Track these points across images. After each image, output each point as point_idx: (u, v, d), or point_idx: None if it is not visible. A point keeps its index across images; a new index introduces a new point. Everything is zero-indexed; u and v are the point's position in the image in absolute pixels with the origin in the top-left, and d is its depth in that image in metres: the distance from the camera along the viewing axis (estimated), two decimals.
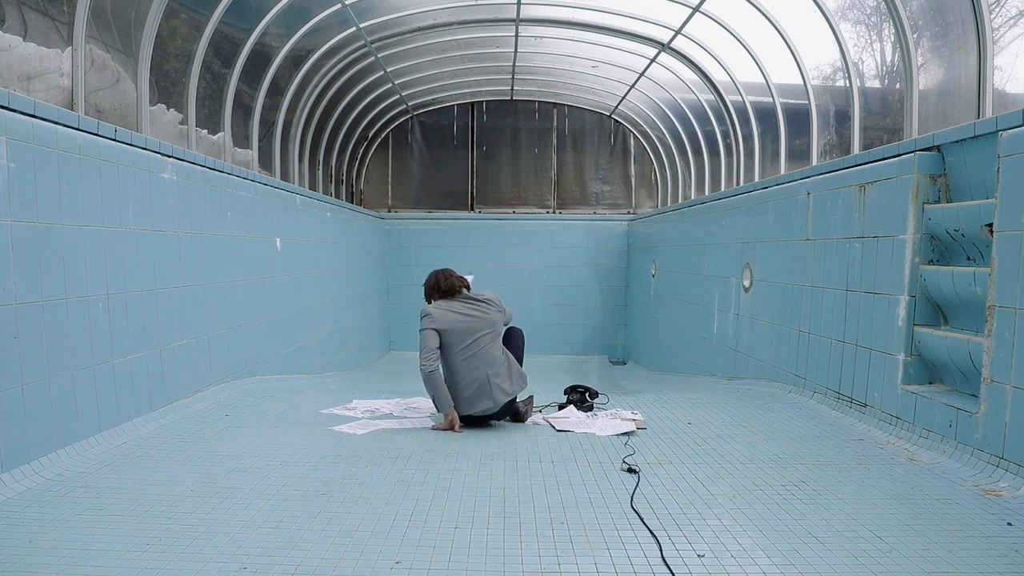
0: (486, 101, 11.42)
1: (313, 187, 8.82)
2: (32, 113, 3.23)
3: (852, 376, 4.37)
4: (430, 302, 4.29)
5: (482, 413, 4.13)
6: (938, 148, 3.87)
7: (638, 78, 8.99)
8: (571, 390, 4.66)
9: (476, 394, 4.10)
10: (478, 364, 4.10)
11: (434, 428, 4.13)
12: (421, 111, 11.39)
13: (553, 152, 11.56)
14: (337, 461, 3.38)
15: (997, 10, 4.13)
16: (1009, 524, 2.62)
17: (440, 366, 4.14)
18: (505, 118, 11.52)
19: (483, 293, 4.30)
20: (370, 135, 11.02)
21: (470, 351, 4.11)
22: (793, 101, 6.48)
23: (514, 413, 4.26)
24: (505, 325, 4.37)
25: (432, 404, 4.63)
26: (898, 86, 5.09)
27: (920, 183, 3.86)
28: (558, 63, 9.52)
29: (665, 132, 10.06)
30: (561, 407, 4.54)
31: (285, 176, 7.61)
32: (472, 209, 11.63)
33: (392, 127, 11.42)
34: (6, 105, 3.09)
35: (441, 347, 4.10)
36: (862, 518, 2.69)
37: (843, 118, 5.77)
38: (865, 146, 5.29)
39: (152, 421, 4.00)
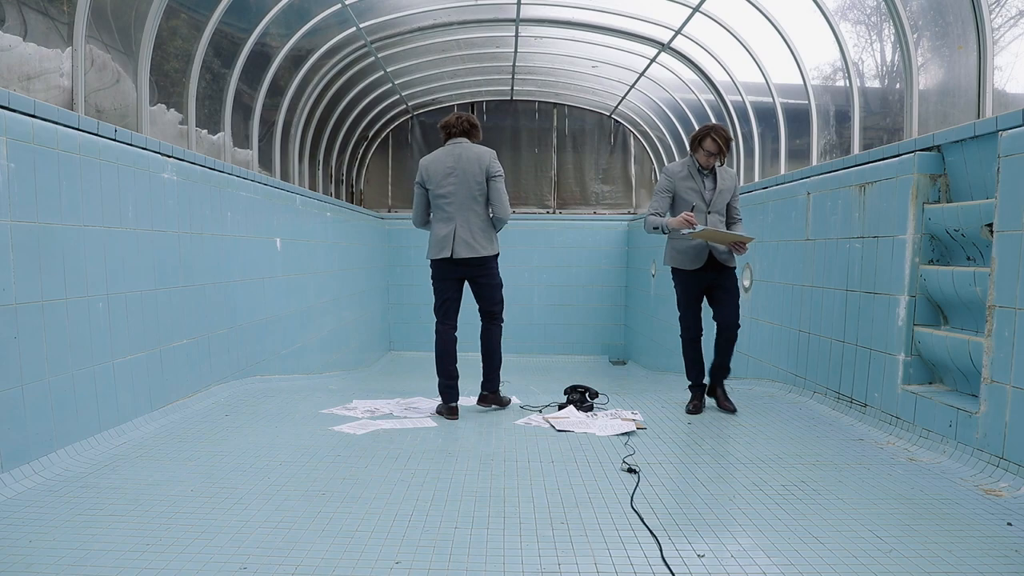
0: (486, 101, 11.42)
1: (313, 187, 8.82)
2: (32, 113, 3.23)
3: (852, 376, 4.37)
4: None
5: (443, 257, 4.35)
6: (938, 148, 3.87)
7: (638, 78, 8.99)
8: (571, 390, 4.66)
9: (441, 242, 4.33)
10: (451, 213, 4.32)
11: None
12: (421, 111, 11.38)
13: (553, 152, 11.56)
14: (337, 461, 3.38)
15: (997, 10, 4.13)
16: (1009, 524, 2.62)
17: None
18: (505, 118, 11.52)
19: (472, 147, 4.36)
20: (370, 135, 11.01)
21: (443, 200, 4.32)
22: (793, 101, 6.48)
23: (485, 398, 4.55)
24: (492, 178, 4.33)
25: (433, 404, 4.65)
26: (898, 86, 5.09)
27: (920, 183, 3.86)
28: (558, 63, 9.52)
29: (665, 132, 10.06)
30: (561, 407, 4.54)
31: (285, 176, 7.61)
32: None
33: (392, 127, 11.42)
34: (6, 105, 3.09)
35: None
36: (862, 518, 2.69)
37: (843, 118, 5.77)
38: (865, 146, 5.29)
39: (152, 421, 4.00)
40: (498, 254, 4.50)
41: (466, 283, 4.52)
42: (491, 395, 4.59)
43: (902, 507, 2.81)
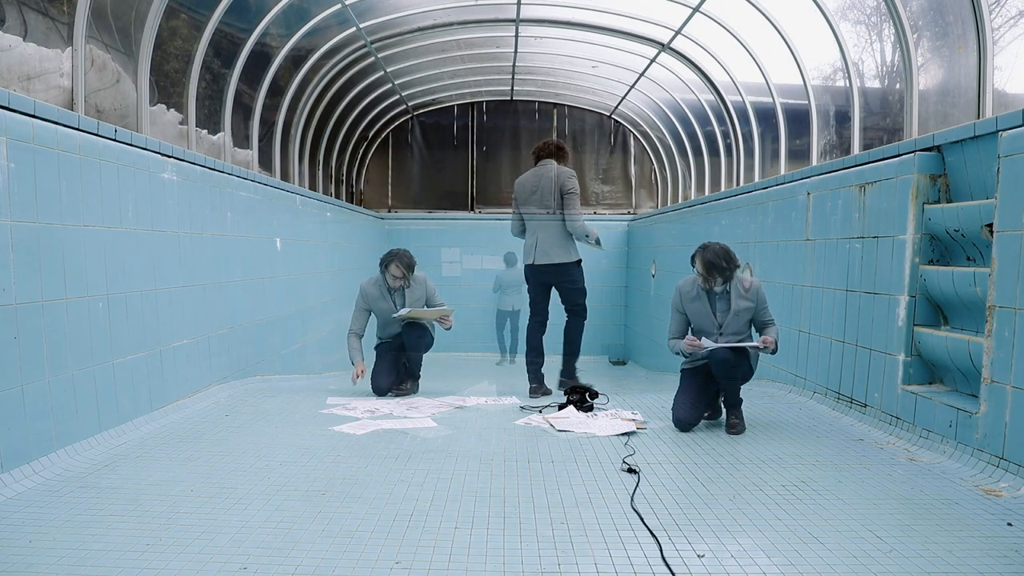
0: (486, 101, 11.42)
1: (313, 187, 8.82)
2: (32, 113, 3.23)
3: (852, 376, 4.37)
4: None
5: (527, 263, 5.20)
6: (938, 148, 3.87)
7: (638, 78, 8.99)
8: (571, 390, 4.66)
9: (528, 251, 5.17)
10: (535, 226, 5.12)
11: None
12: (421, 111, 11.39)
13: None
14: (337, 461, 3.38)
15: (997, 10, 4.13)
16: (1009, 524, 2.62)
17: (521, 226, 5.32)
18: (505, 118, 11.52)
19: (555, 168, 5.10)
20: (370, 135, 11.01)
21: (528, 214, 5.08)
22: (793, 101, 6.48)
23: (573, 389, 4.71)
24: (565, 195, 5.07)
25: (433, 405, 4.65)
26: (898, 86, 5.09)
27: (920, 183, 3.86)
28: (558, 63, 9.52)
29: (665, 132, 10.06)
30: (561, 407, 4.54)
31: (285, 176, 7.61)
32: (472, 209, 11.63)
33: (392, 127, 11.42)
34: (6, 105, 3.09)
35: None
36: (862, 518, 2.69)
37: (843, 118, 5.77)
38: (865, 146, 5.29)
39: (152, 421, 4.00)
40: (578, 260, 5.24)
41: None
42: (566, 380, 5.26)
43: (902, 507, 2.81)
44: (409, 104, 10.75)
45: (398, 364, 5.23)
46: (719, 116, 7.91)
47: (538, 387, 5.22)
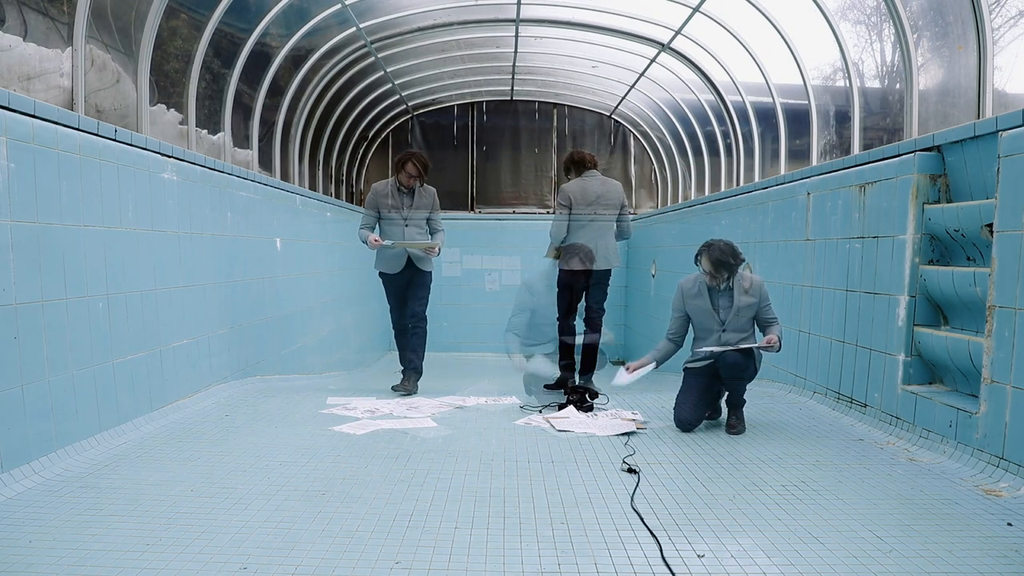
0: (486, 101, 11.41)
1: (313, 187, 8.82)
2: (32, 113, 3.23)
3: (852, 376, 4.37)
4: (568, 176, 5.35)
5: (581, 268, 5.20)
6: (938, 148, 3.87)
7: (638, 78, 8.99)
8: (571, 390, 4.66)
9: (585, 256, 5.18)
10: (592, 234, 5.20)
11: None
12: (421, 111, 11.38)
13: (553, 152, 11.56)
14: (337, 461, 3.38)
15: (997, 10, 4.13)
16: (1009, 524, 2.62)
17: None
18: (505, 118, 11.51)
19: (602, 178, 5.30)
20: (370, 135, 11.01)
21: (586, 220, 5.17)
22: (793, 101, 6.48)
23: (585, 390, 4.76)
24: (625, 207, 5.35)
25: (433, 405, 4.65)
26: (898, 86, 5.10)
27: (920, 183, 3.87)
28: (558, 63, 9.52)
29: (665, 132, 10.06)
30: (561, 407, 4.54)
31: (285, 176, 7.61)
32: (472, 209, 11.62)
33: (392, 127, 11.41)
34: (6, 105, 3.08)
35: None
36: (862, 518, 2.69)
37: (843, 118, 5.77)
38: (865, 146, 5.29)
39: (152, 421, 4.00)
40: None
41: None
42: (587, 383, 5.23)
43: (902, 507, 2.81)
44: (409, 104, 10.75)
45: (406, 300, 5.42)
46: (719, 116, 7.91)
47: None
